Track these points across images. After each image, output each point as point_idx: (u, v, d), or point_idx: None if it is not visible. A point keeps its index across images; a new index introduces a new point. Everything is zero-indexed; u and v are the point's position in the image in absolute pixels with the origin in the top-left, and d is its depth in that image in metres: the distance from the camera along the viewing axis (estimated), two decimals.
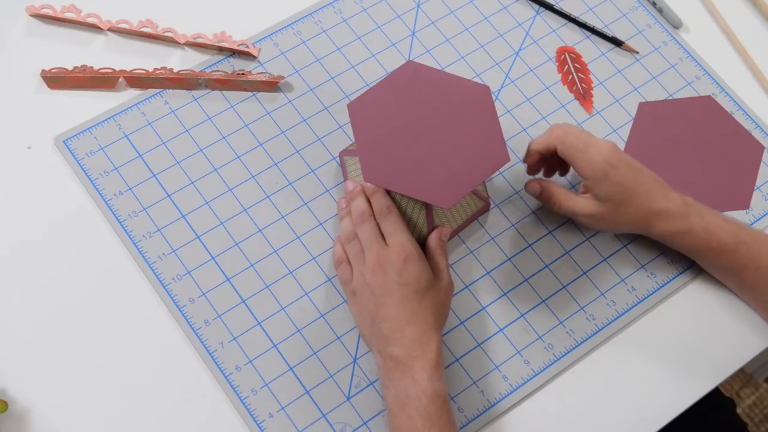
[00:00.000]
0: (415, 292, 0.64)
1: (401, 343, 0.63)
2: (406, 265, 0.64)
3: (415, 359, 0.62)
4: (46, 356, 0.68)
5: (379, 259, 0.64)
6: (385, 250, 0.65)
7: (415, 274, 0.64)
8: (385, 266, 0.64)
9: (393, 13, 0.85)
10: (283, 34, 0.83)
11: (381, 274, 0.64)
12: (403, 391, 0.61)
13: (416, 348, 0.62)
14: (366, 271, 0.65)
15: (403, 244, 0.65)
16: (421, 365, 0.62)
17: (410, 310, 0.63)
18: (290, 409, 0.67)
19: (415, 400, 0.61)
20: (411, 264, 0.64)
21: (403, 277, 0.63)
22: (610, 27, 0.87)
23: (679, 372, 0.71)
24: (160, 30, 0.81)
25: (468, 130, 0.65)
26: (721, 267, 0.71)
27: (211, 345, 0.69)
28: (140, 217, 0.73)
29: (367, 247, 0.66)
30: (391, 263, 0.64)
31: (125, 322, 0.69)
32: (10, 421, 0.65)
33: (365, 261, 0.66)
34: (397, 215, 0.66)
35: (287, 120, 0.78)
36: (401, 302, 0.63)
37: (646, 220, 0.69)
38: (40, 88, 0.78)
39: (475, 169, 0.64)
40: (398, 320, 0.63)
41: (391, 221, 0.66)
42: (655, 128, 0.81)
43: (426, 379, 0.61)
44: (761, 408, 1.51)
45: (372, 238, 0.66)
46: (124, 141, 0.76)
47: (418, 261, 0.64)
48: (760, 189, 0.80)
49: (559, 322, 0.72)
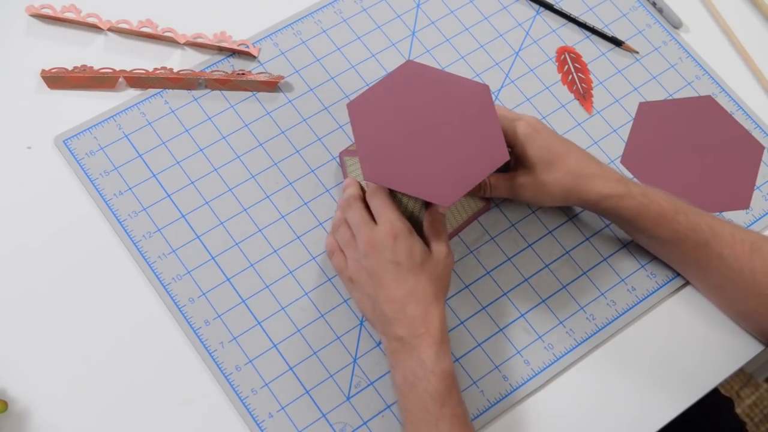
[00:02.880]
0: (410, 269, 0.63)
1: (404, 322, 0.62)
2: (396, 243, 0.63)
3: (419, 338, 0.62)
4: (46, 356, 0.68)
5: (370, 241, 0.64)
6: (375, 231, 0.64)
7: (406, 250, 0.63)
8: (377, 247, 0.64)
9: (393, 13, 0.85)
10: (283, 34, 0.83)
11: (374, 255, 0.64)
12: (411, 371, 0.61)
13: (419, 326, 0.62)
14: (359, 256, 0.65)
15: (392, 221, 0.64)
16: (427, 344, 0.61)
17: (408, 288, 0.63)
18: (290, 409, 0.67)
19: (424, 381, 0.61)
20: (401, 241, 0.63)
21: (396, 256, 0.63)
22: (610, 27, 0.87)
23: (679, 372, 0.71)
24: (160, 30, 0.81)
25: (467, 128, 0.65)
26: (661, 239, 0.69)
27: (211, 345, 0.69)
28: (140, 217, 0.73)
29: (357, 231, 0.66)
30: (382, 243, 0.63)
31: (125, 322, 0.69)
32: (10, 421, 0.65)
33: (357, 246, 0.66)
34: (384, 194, 0.66)
35: (287, 120, 0.78)
36: (398, 281, 0.63)
37: (579, 183, 0.67)
38: (40, 88, 0.78)
39: (475, 167, 0.64)
40: (398, 300, 0.63)
41: (378, 200, 0.65)
42: (655, 128, 0.82)
43: (433, 358, 0.61)
44: (761, 408, 1.51)
45: (360, 220, 0.66)
46: (124, 141, 0.76)
47: (408, 237, 0.64)
48: (760, 189, 0.80)
49: (559, 322, 0.72)
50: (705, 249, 0.67)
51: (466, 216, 0.74)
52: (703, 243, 0.67)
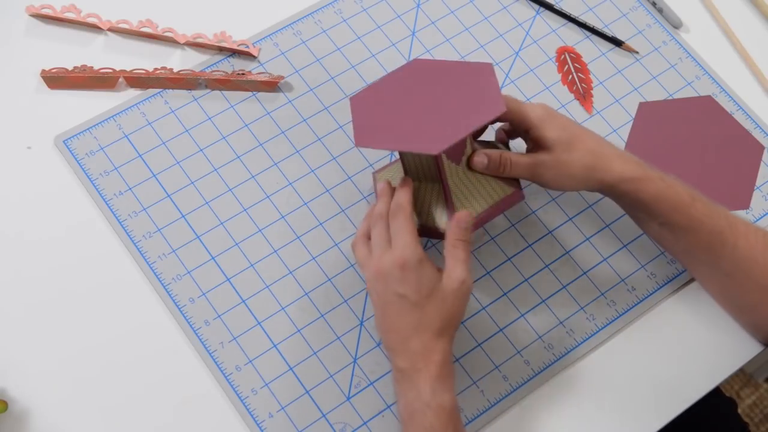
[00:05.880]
0: (415, 303, 0.61)
1: (405, 355, 0.61)
2: (404, 274, 0.60)
3: (418, 372, 0.60)
4: (46, 356, 0.68)
5: (379, 268, 0.62)
6: (384, 258, 0.62)
7: (414, 282, 0.61)
8: (384, 275, 0.61)
9: (393, 13, 0.85)
10: (283, 34, 0.83)
11: (381, 282, 0.62)
12: (410, 403, 0.61)
13: (419, 361, 0.61)
14: (371, 279, 0.63)
15: (403, 249, 0.61)
16: (424, 378, 0.60)
17: (411, 322, 0.61)
18: (290, 409, 0.67)
19: (420, 414, 0.60)
20: (410, 272, 0.60)
21: (402, 288, 0.61)
22: (610, 27, 0.87)
23: (679, 372, 0.71)
24: (160, 30, 0.81)
25: (465, 95, 0.63)
26: (676, 225, 0.67)
27: (211, 345, 0.69)
28: (140, 217, 0.73)
29: (373, 251, 0.64)
30: (389, 273, 0.61)
31: (125, 322, 0.69)
32: (10, 421, 0.65)
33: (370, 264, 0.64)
34: (405, 215, 0.63)
35: (287, 120, 0.78)
36: (401, 315, 0.61)
37: (599, 162, 0.66)
38: (40, 88, 0.78)
39: (469, 118, 0.61)
40: (400, 332, 0.61)
41: (397, 222, 0.63)
42: (655, 128, 0.82)
43: (429, 393, 0.60)
44: (761, 408, 1.51)
45: (377, 241, 0.64)
46: (124, 141, 0.76)
47: (416, 268, 0.61)
48: (760, 189, 0.80)
49: (559, 322, 0.72)
50: (720, 237, 0.66)
51: (492, 201, 0.67)
52: (719, 231, 0.66)
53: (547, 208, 0.77)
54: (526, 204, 0.77)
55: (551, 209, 0.77)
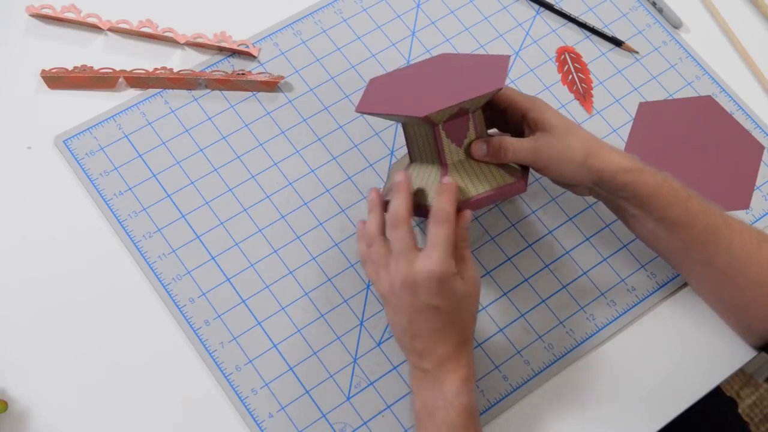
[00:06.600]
0: (448, 312, 0.61)
1: (432, 358, 0.61)
2: (440, 289, 0.60)
3: (445, 374, 0.61)
4: (46, 356, 0.68)
5: (408, 278, 0.60)
6: (416, 268, 0.60)
7: (448, 294, 0.60)
8: (415, 287, 0.60)
9: (393, 13, 0.85)
10: (283, 34, 0.83)
11: (410, 293, 0.60)
12: (432, 401, 0.61)
13: (447, 364, 0.61)
14: (395, 284, 0.62)
15: (442, 262, 0.59)
16: (451, 379, 0.61)
17: (441, 329, 0.61)
18: (290, 409, 0.67)
19: (443, 411, 0.60)
20: (445, 285, 0.60)
21: (436, 300, 0.60)
22: (610, 27, 0.87)
23: (679, 372, 0.71)
24: (160, 30, 0.81)
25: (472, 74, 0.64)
26: (672, 221, 0.66)
27: (211, 345, 0.69)
28: (140, 217, 0.73)
29: (397, 258, 0.61)
30: (421, 284, 0.60)
31: (125, 322, 0.69)
32: (10, 421, 0.65)
33: (391, 269, 0.62)
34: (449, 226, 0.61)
35: (287, 120, 0.78)
36: (431, 323, 0.61)
37: (598, 150, 0.65)
38: (40, 88, 0.78)
39: (466, 90, 0.62)
40: (430, 338, 0.61)
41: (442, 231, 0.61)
42: (655, 128, 0.82)
43: (454, 392, 0.60)
44: (761, 408, 1.51)
45: (403, 248, 0.61)
46: (124, 141, 0.76)
47: (452, 279, 0.60)
48: (760, 189, 0.80)
49: (559, 322, 0.72)
50: (715, 233, 0.66)
51: (489, 187, 0.65)
52: (714, 227, 0.66)
53: (547, 208, 0.77)
54: (526, 204, 0.77)
55: (551, 209, 0.77)
